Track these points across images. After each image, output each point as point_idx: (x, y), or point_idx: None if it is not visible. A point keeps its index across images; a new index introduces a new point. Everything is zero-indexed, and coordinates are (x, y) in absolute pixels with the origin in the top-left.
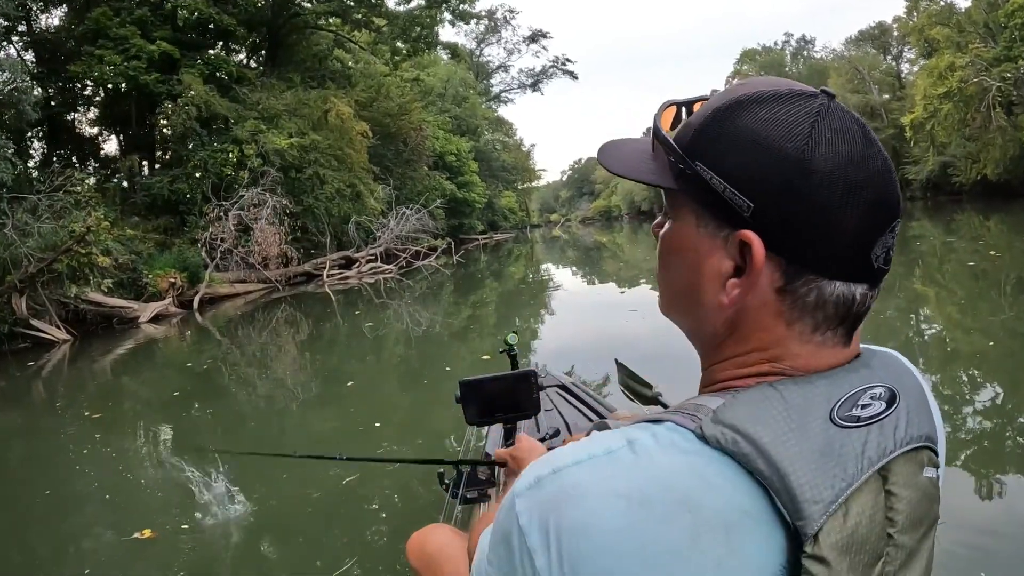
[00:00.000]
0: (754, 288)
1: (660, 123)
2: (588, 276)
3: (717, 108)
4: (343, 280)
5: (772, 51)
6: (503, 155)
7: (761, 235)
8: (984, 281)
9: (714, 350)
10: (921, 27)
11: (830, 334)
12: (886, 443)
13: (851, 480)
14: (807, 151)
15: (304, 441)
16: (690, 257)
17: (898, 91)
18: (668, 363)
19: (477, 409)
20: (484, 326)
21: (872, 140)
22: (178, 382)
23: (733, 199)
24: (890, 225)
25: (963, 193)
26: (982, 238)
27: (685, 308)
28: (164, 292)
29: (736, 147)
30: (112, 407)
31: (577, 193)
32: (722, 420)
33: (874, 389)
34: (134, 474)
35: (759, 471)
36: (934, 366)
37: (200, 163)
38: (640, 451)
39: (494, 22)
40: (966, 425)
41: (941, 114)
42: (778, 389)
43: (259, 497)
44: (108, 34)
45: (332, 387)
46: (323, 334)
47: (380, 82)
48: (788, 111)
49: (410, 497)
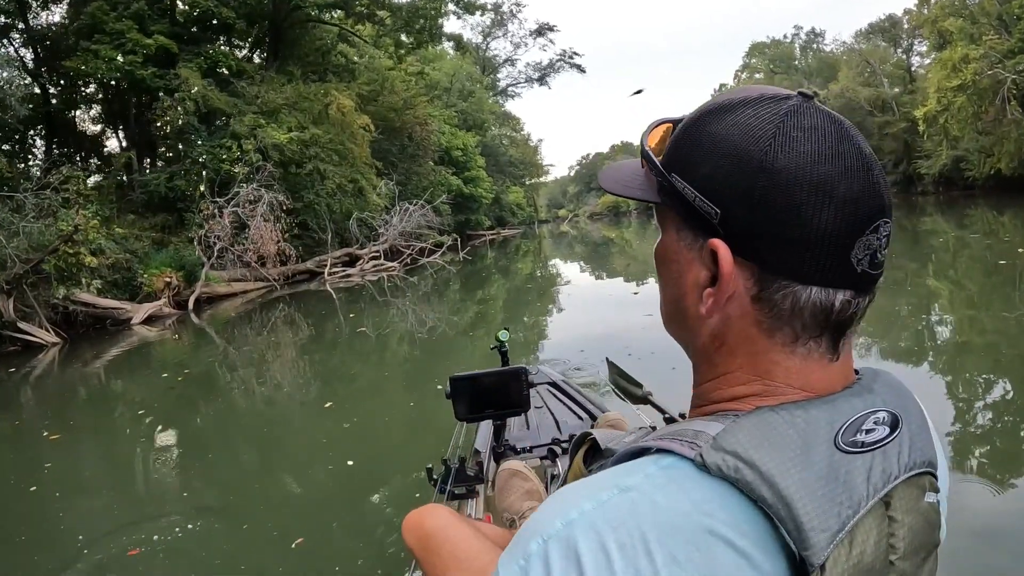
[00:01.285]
0: (730, 297)
1: (647, 140)
2: (596, 272)
3: (690, 119)
4: (345, 278)
5: (781, 44)
6: (510, 150)
7: (731, 242)
8: (998, 277)
9: (706, 365)
10: (934, 18)
11: (813, 344)
12: (890, 469)
13: (856, 507)
14: (770, 151)
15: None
16: (674, 269)
17: (909, 84)
18: (667, 361)
19: (467, 405)
20: (491, 325)
21: (849, 137)
22: (156, 395)
23: (703, 207)
24: (871, 225)
25: (976, 188)
26: (996, 233)
27: (676, 321)
28: (160, 292)
29: (704, 156)
30: (74, 427)
31: (585, 188)
32: (723, 447)
33: (877, 414)
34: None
35: (763, 499)
36: (946, 363)
37: (198, 159)
38: (635, 495)
39: (500, 16)
40: (977, 422)
41: (954, 107)
42: (779, 413)
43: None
44: (104, 28)
45: (321, 401)
46: (323, 335)
47: (384, 76)
48: (755, 114)
49: (394, 493)
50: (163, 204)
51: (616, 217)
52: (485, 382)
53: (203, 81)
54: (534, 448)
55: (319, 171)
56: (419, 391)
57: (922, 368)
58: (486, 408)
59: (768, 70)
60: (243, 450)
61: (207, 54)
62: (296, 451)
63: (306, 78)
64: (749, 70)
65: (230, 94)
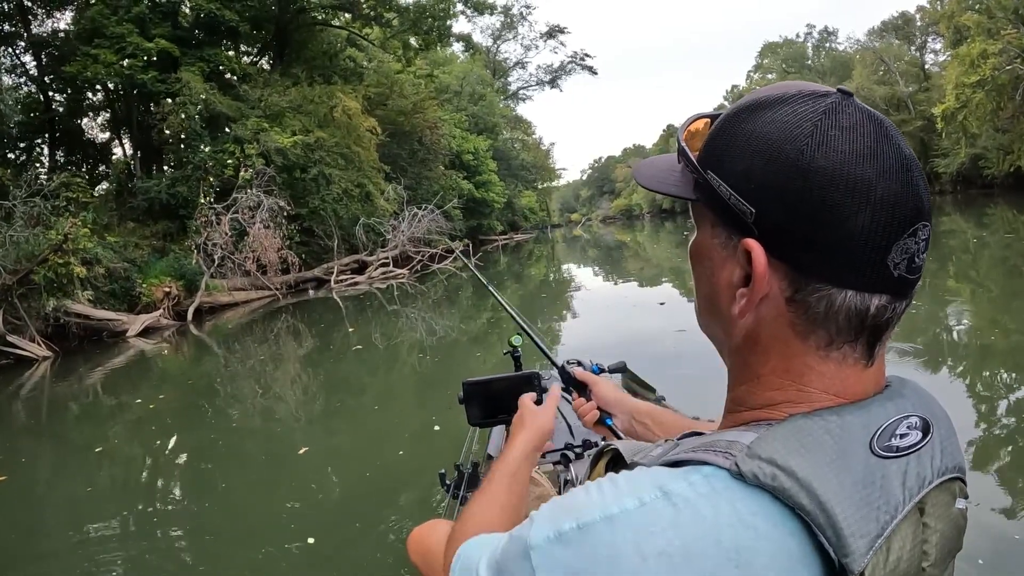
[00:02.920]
0: (764, 298)
1: (683, 136)
2: (610, 275)
3: (727, 116)
4: (353, 286)
5: (794, 44)
6: (522, 154)
7: (765, 241)
8: (1020, 279)
9: (740, 365)
10: (950, 13)
11: (848, 349)
12: (924, 473)
13: (894, 512)
14: (807, 150)
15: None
16: (708, 267)
17: (924, 82)
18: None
19: (479, 410)
20: (504, 331)
21: (888, 136)
22: (137, 425)
23: (738, 206)
24: (910, 228)
25: (995, 186)
26: (1018, 231)
27: (710, 320)
28: (159, 302)
29: (741, 153)
30: (26, 466)
31: (598, 192)
32: (759, 454)
33: (910, 418)
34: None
35: (801, 506)
36: (966, 365)
37: (201, 164)
38: (679, 503)
39: (510, 18)
40: (1000, 426)
41: (973, 103)
42: (814, 419)
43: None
44: (105, 32)
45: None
46: (328, 345)
47: (393, 80)
48: (792, 112)
49: (408, 500)
50: (165, 211)
51: (629, 220)
52: (498, 387)
53: (205, 85)
54: (547, 453)
55: (324, 175)
56: (432, 398)
57: (941, 372)
58: (499, 413)
59: (781, 70)
60: (251, 467)
61: (210, 58)
62: (306, 461)
63: (311, 81)
64: (762, 70)
65: (233, 98)
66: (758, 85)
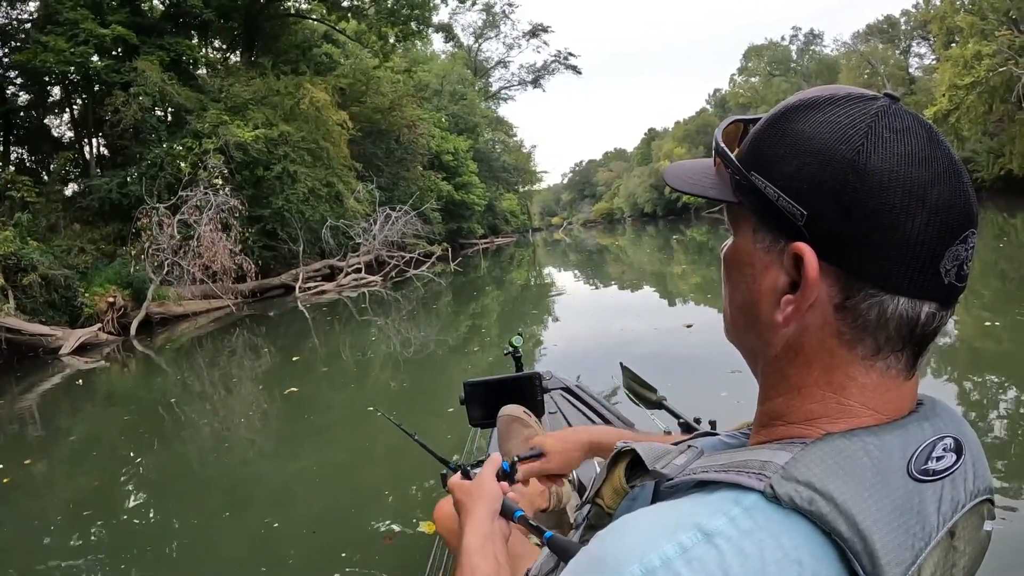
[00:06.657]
0: (811, 305)
1: (720, 138)
2: (591, 280)
3: (772, 116)
4: (320, 294)
5: (779, 47)
6: (504, 156)
7: (817, 246)
8: (1012, 282)
9: (776, 376)
10: (943, 14)
11: (893, 359)
12: (958, 497)
13: (928, 539)
14: (863, 152)
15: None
16: (748, 273)
17: (910, 86)
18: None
19: (481, 410)
20: (486, 344)
21: (939, 141)
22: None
23: (787, 208)
24: (961, 234)
25: (983, 190)
26: (1008, 235)
27: (745, 328)
28: (103, 314)
29: (790, 154)
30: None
31: (579, 195)
32: (795, 477)
33: (945, 440)
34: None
35: (839, 533)
36: (962, 372)
37: (156, 161)
38: (722, 544)
39: (492, 16)
40: (992, 433)
41: (965, 105)
42: (851, 439)
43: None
44: (58, 19)
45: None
46: (286, 364)
47: (370, 76)
48: (845, 113)
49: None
50: (116, 212)
51: (611, 224)
52: (499, 387)
53: (163, 75)
54: None
55: (289, 173)
56: (430, 403)
57: (927, 379)
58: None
59: (766, 73)
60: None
61: (171, 47)
62: (307, 470)
63: (278, 72)
64: (746, 73)
65: (194, 89)
66: (742, 89)
